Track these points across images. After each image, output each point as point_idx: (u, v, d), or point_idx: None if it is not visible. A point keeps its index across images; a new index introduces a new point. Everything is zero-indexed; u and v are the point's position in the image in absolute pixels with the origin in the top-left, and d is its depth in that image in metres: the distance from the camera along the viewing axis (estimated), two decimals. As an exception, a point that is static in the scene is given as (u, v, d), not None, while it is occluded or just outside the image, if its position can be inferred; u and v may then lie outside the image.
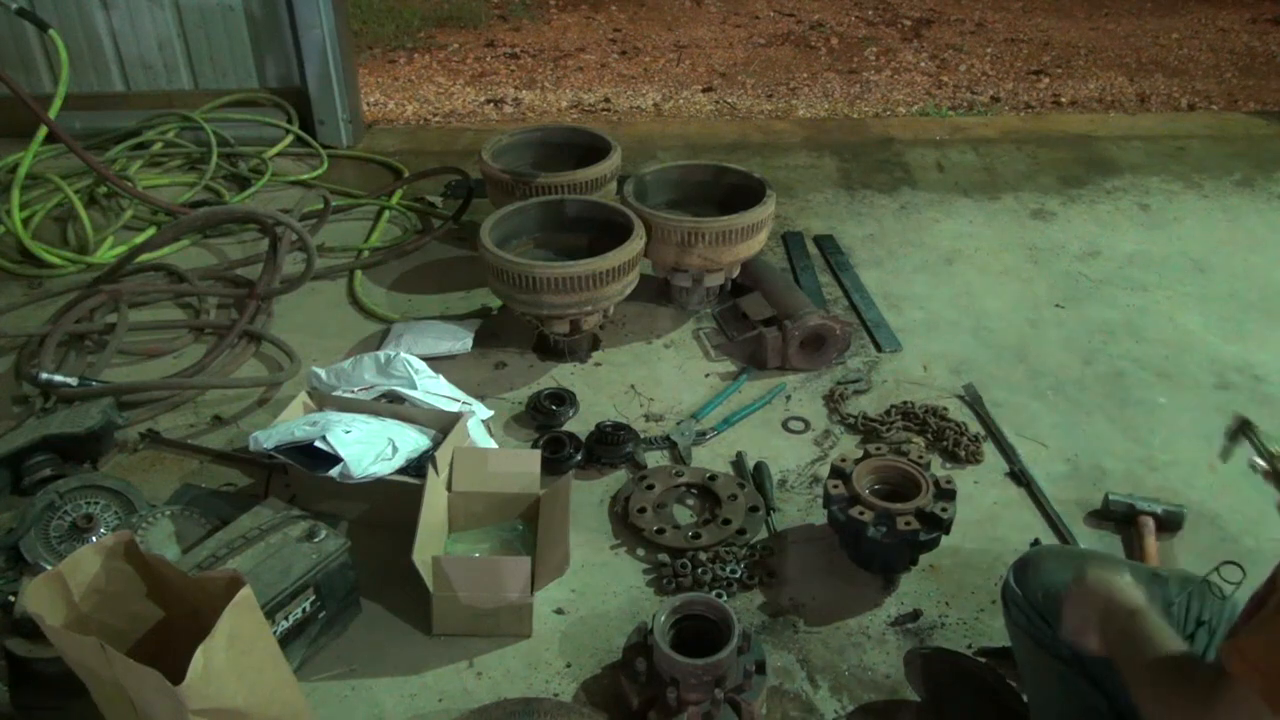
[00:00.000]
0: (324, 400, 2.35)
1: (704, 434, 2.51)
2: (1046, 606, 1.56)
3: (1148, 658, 1.24)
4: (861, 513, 1.95)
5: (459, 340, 2.82)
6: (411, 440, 2.16)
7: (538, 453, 2.24)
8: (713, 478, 2.33)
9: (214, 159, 3.80)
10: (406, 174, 3.86)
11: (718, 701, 1.66)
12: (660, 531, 2.16)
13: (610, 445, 2.40)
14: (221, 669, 1.36)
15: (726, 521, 2.19)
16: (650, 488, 2.29)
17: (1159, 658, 1.24)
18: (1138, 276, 3.26)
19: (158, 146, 3.97)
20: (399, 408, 2.31)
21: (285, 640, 1.77)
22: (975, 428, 2.53)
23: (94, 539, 1.90)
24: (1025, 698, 1.73)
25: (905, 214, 3.70)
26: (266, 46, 4.07)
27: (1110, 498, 2.22)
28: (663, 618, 1.73)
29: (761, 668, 1.75)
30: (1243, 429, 1.62)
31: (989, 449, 2.47)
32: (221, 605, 1.38)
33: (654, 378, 2.75)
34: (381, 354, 2.48)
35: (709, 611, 1.76)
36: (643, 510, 2.22)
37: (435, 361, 2.63)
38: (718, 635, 1.71)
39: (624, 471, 2.39)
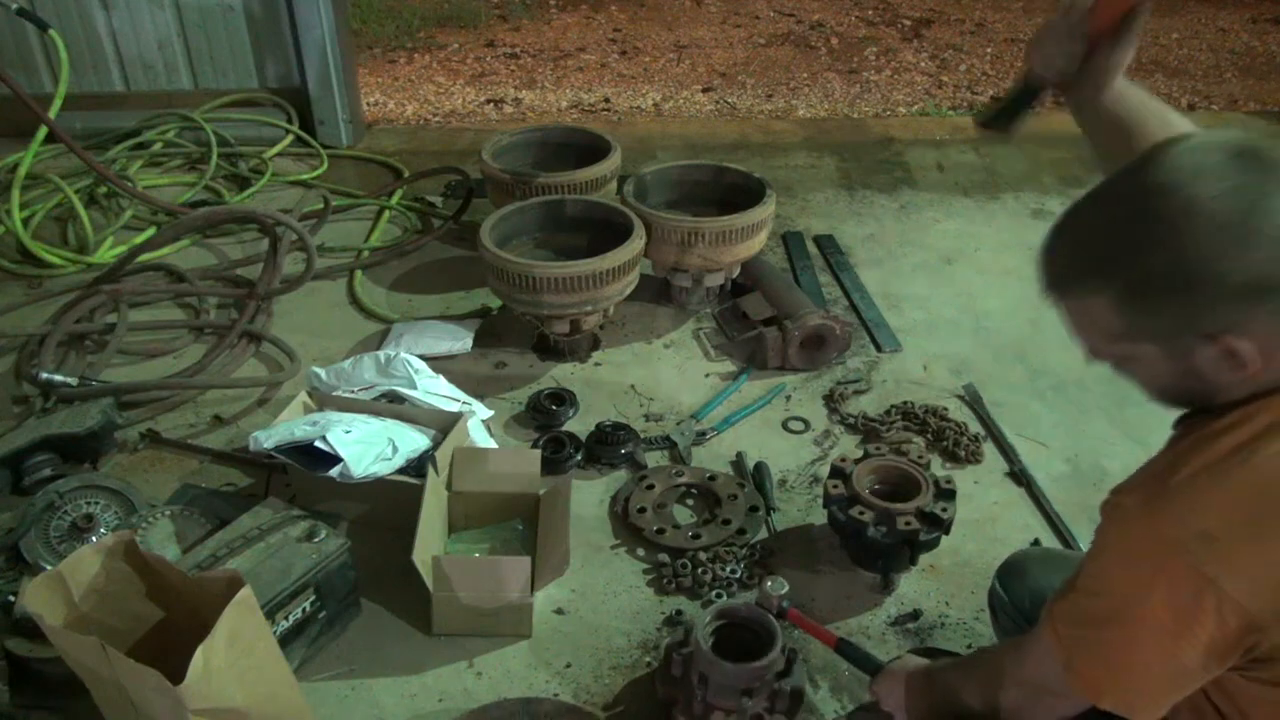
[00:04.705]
0: (324, 400, 2.36)
1: (704, 434, 2.51)
2: (1034, 612, 1.57)
3: (964, 673, 1.41)
4: (861, 513, 1.95)
5: (459, 340, 2.82)
6: (411, 440, 2.15)
7: (538, 453, 2.24)
8: (713, 478, 2.33)
9: (214, 159, 3.80)
10: (406, 174, 3.86)
11: (744, 711, 1.63)
12: (660, 531, 2.16)
13: (610, 445, 2.40)
14: (221, 669, 1.36)
15: (726, 521, 2.19)
16: (650, 488, 2.29)
17: (969, 664, 1.44)
18: (1138, 276, 3.25)
19: (158, 146, 3.97)
20: (399, 408, 2.31)
21: (285, 640, 1.77)
22: (975, 428, 2.53)
23: (94, 539, 1.90)
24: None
25: (905, 214, 3.70)
26: (266, 46, 4.07)
27: None
28: (708, 618, 1.69)
29: (799, 696, 1.68)
30: None
31: (989, 449, 2.47)
32: (221, 605, 1.38)
33: (654, 378, 2.75)
34: (381, 354, 2.48)
35: (756, 624, 1.69)
36: (643, 510, 2.22)
37: (435, 361, 2.63)
38: (761, 650, 1.66)
39: (624, 471, 2.39)
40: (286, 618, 1.78)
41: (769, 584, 1.68)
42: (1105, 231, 1.06)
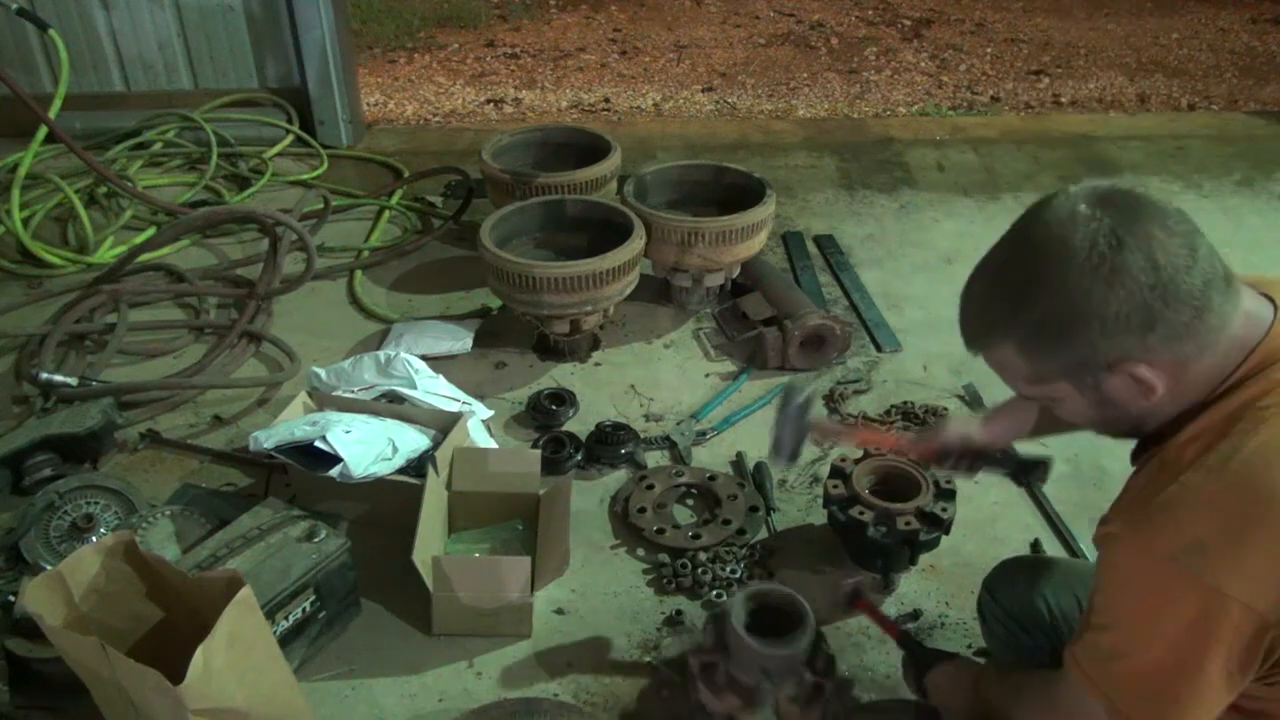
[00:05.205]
0: (324, 400, 2.35)
1: (704, 434, 2.51)
2: (1026, 617, 1.57)
3: (1000, 696, 1.42)
4: (861, 513, 1.95)
5: (459, 340, 2.82)
6: (411, 440, 2.16)
7: (538, 453, 2.24)
8: (713, 478, 2.33)
9: (214, 159, 3.80)
10: (406, 174, 3.86)
11: (762, 691, 1.61)
12: (660, 531, 2.16)
13: (610, 445, 2.40)
14: (221, 669, 1.36)
15: (726, 521, 2.19)
16: (650, 488, 2.29)
17: (1007, 688, 1.42)
18: (1138, 276, 3.25)
19: (158, 146, 3.97)
20: (399, 408, 2.31)
21: (285, 640, 1.77)
22: (975, 428, 2.53)
23: (94, 539, 1.90)
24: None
25: (905, 214, 3.70)
26: (266, 46, 4.07)
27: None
28: (744, 596, 1.67)
29: (819, 690, 1.64)
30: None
31: (989, 449, 2.47)
32: (221, 605, 1.38)
33: (654, 378, 2.75)
34: (381, 354, 2.48)
35: (791, 610, 1.67)
36: (643, 510, 2.22)
37: (435, 361, 2.63)
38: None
39: (624, 471, 2.39)
40: (286, 618, 1.78)
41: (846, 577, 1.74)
42: (997, 287, 1.15)
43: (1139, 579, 1.08)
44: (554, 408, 2.55)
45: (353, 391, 2.40)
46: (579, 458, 2.39)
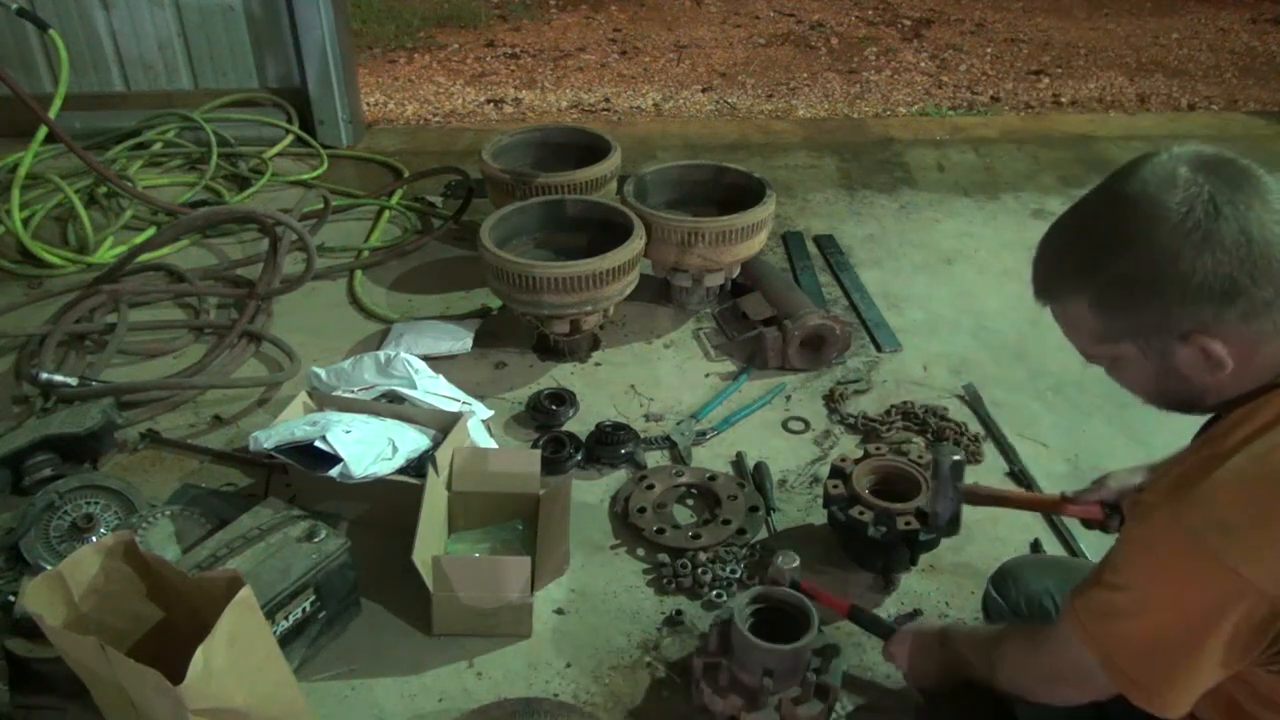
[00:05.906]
0: (324, 400, 2.35)
1: (704, 434, 2.51)
2: (1031, 614, 1.58)
3: (973, 646, 1.46)
4: (861, 513, 1.95)
5: (459, 340, 2.82)
6: (411, 440, 2.15)
7: (538, 453, 2.24)
8: (713, 478, 2.33)
9: (214, 159, 3.80)
10: (406, 174, 3.86)
11: (764, 691, 1.62)
12: (660, 531, 2.16)
13: (610, 445, 2.40)
14: (221, 669, 1.36)
15: (726, 521, 2.19)
16: (650, 488, 2.29)
17: (979, 638, 1.47)
18: (1138, 276, 3.25)
19: (158, 146, 3.97)
20: (399, 408, 2.31)
21: (285, 640, 1.77)
22: (975, 428, 2.53)
23: (94, 539, 1.90)
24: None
25: (905, 214, 3.70)
26: (266, 46, 4.07)
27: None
28: (747, 599, 1.70)
29: (825, 692, 1.66)
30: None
31: (989, 449, 2.47)
32: (221, 605, 1.38)
33: (654, 378, 2.75)
34: (381, 354, 2.48)
35: (798, 612, 1.69)
36: (643, 510, 2.22)
37: (435, 361, 2.63)
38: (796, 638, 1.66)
39: (624, 471, 2.39)
40: (286, 618, 1.78)
41: (780, 559, 1.70)
42: (1081, 239, 1.14)
43: (1161, 548, 1.09)
44: (554, 408, 2.55)
45: (353, 391, 2.40)
46: (579, 458, 2.39)
